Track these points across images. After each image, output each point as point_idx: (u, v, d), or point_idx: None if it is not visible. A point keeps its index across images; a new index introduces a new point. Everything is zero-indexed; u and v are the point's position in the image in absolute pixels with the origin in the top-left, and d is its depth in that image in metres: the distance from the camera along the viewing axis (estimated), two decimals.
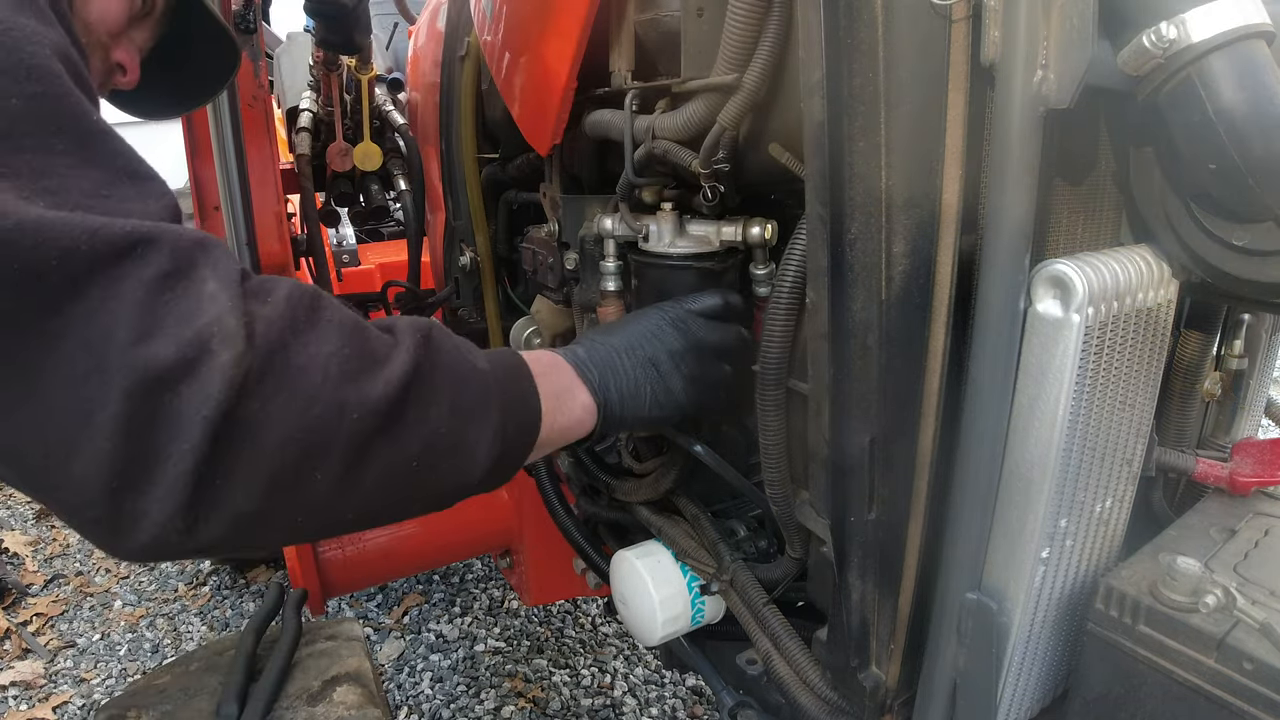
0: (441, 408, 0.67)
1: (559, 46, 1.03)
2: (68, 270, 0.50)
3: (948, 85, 0.65)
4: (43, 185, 0.53)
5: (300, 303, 0.61)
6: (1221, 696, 0.62)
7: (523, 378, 0.80)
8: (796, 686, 0.91)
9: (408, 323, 0.70)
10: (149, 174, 0.61)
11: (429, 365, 0.67)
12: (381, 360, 0.64)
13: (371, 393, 0.61)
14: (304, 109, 2.23)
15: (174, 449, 0.52)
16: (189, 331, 0.52)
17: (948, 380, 0.72)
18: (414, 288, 2.05)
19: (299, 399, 0.57)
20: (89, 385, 0.50)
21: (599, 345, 0.91)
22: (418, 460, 0.65)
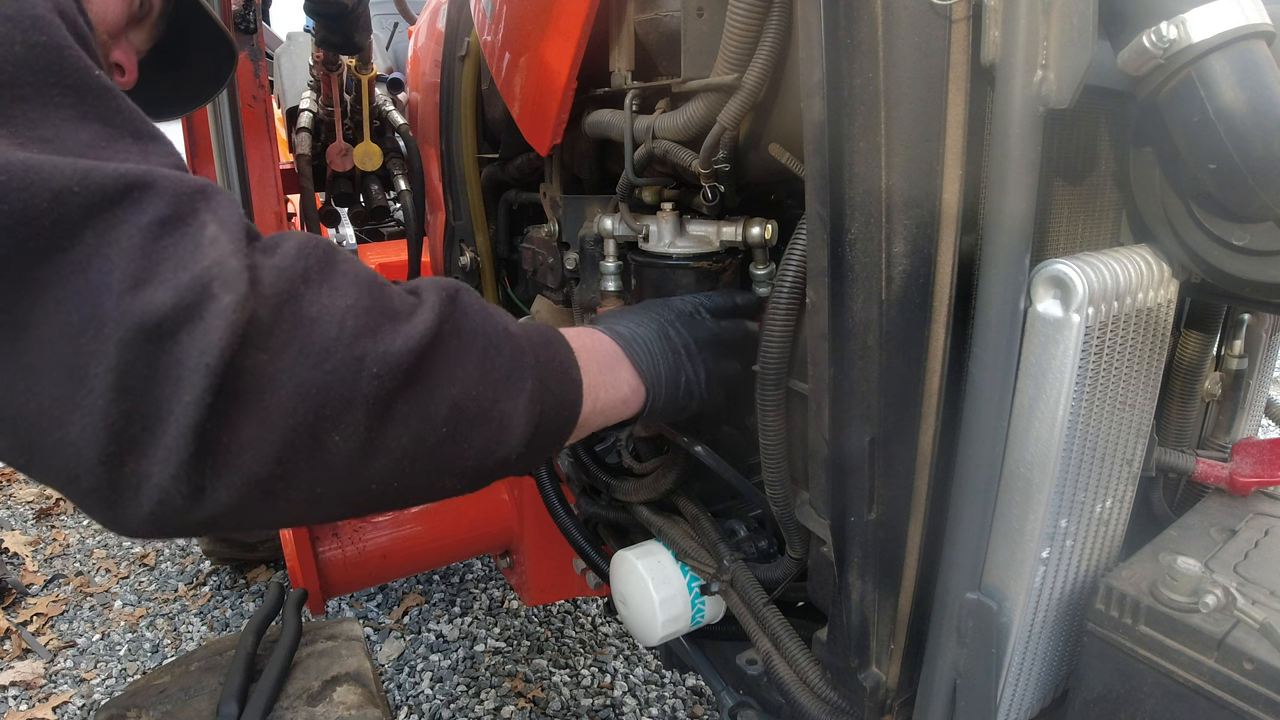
0: (469, 370, 0.62)
1: (559, 46, 1.04)
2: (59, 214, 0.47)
3: (948, 85, 0.65)
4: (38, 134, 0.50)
5: (313, 254, 0.57)
6: (1221, 696, 0.62)
7: (562, 348, 0.74)
8: (796, 686, 0.91)
9: (432, 282, 0.66)
10: (152, 133, 0.58)
11: (454, 324, 0.62)
12: (404, 316, 0.59)
13: (391, 348, 0.56)
14: (304, 109, 2.22)
15: (175, 403, 0.48)
16: (187, 275, 0.49)
17: (948, 380, 0.72)
18: None
19: (312, 352, 0.53)
20: (82, 337, 0.47)
21: (640, 326, 0.86)
22: (446, 426, 0.60)
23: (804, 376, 0.81)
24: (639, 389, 0.83)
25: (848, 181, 0.69)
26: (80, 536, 3.42)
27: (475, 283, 1.72)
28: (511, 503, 2.05)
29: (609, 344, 0.83)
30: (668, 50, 0.95)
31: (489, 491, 2.07)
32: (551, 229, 1.28)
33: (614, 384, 0.80)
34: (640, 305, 0.96)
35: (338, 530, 1.91)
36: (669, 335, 0.88)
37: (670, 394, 0.86)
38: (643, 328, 0.87)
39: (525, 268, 1.43)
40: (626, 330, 0.85)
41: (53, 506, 3.65)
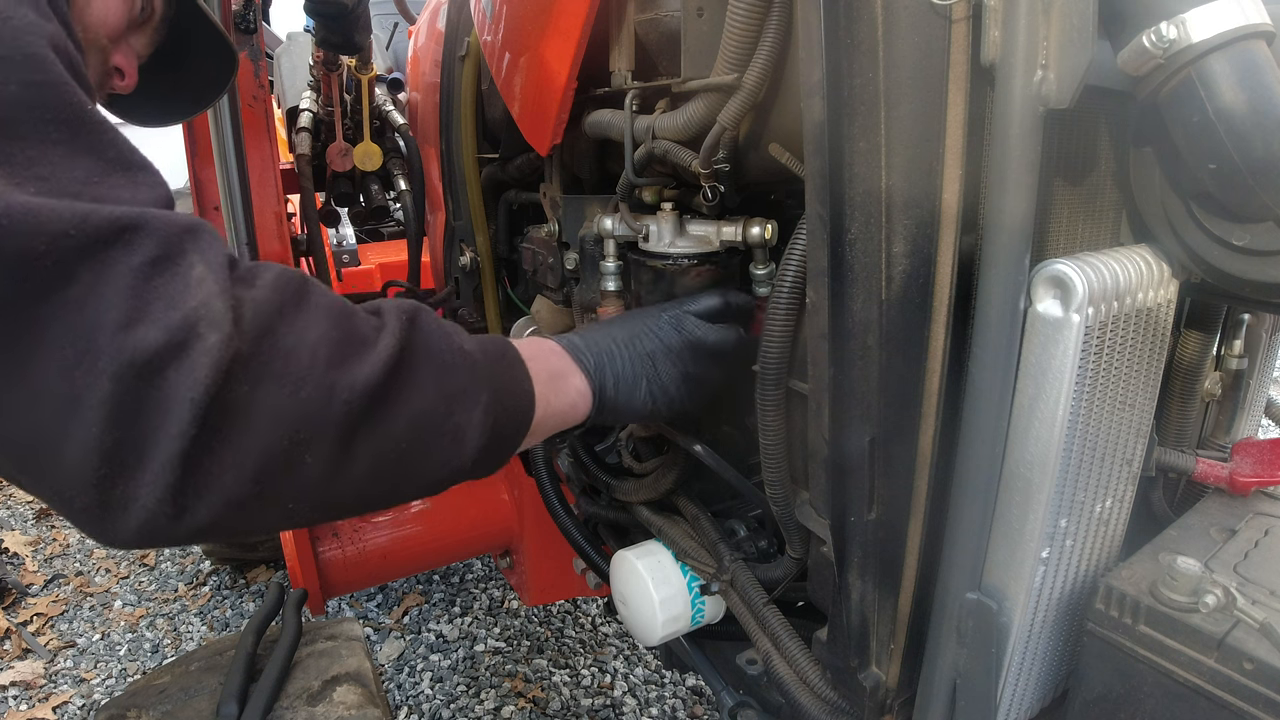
0: (428, 389, 0.67)
1: (559, 46, 1.03)
2: (57, 256, 0.50)
3: (948, 85, 0.65)
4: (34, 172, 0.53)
5: (288, 287, 0.61)
6: (1221, 696, 0.62)
7: (512, 361, 0.79)
8: (796, 686, 0.92)
9: (394, 305, 0.70)
10: (142, 164, 0.61)
11: (413, 347, 0.67)
12: (369, 343, 0.63)
13: (359, 375, 0.61)
14: (304, 109, 2.22)
15: (162, 434, 0.52)
16: (176, 315, 0.52)
17: (948, 380, 0.72)
18: (414, 288, 2.05)
19: (288, 382, 0.57)
20: (77, 371, 0.50)
21: (596, 335, 0.92)
22: (406, 442, 0.65)
23: (804, 376, 0.81)
24: (586, 393, 0.88)
25: (848, 181, 0.69)
26: (80, 537, 3.42)
27: (475, 283, 1.72)
28: (511, 503, 2.05)
29: (557, 351, 0.88)
30: (668, 50, 0.95)
31: (489, 491, 2.07)
32: (551, 229, 1.28)
33: (563, 390, 0.85)
34: (620, 316, 0.99)
35: (338, 530, 1.91)
36: (633, 343, 0.92)
37: (627, 396, 0.90)
38: (603, 337, 0.91)
39: (525, 268, 1.43)
40: (580, 339, 0.91)
41: None
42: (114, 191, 0.57)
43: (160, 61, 1.09)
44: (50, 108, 0.56)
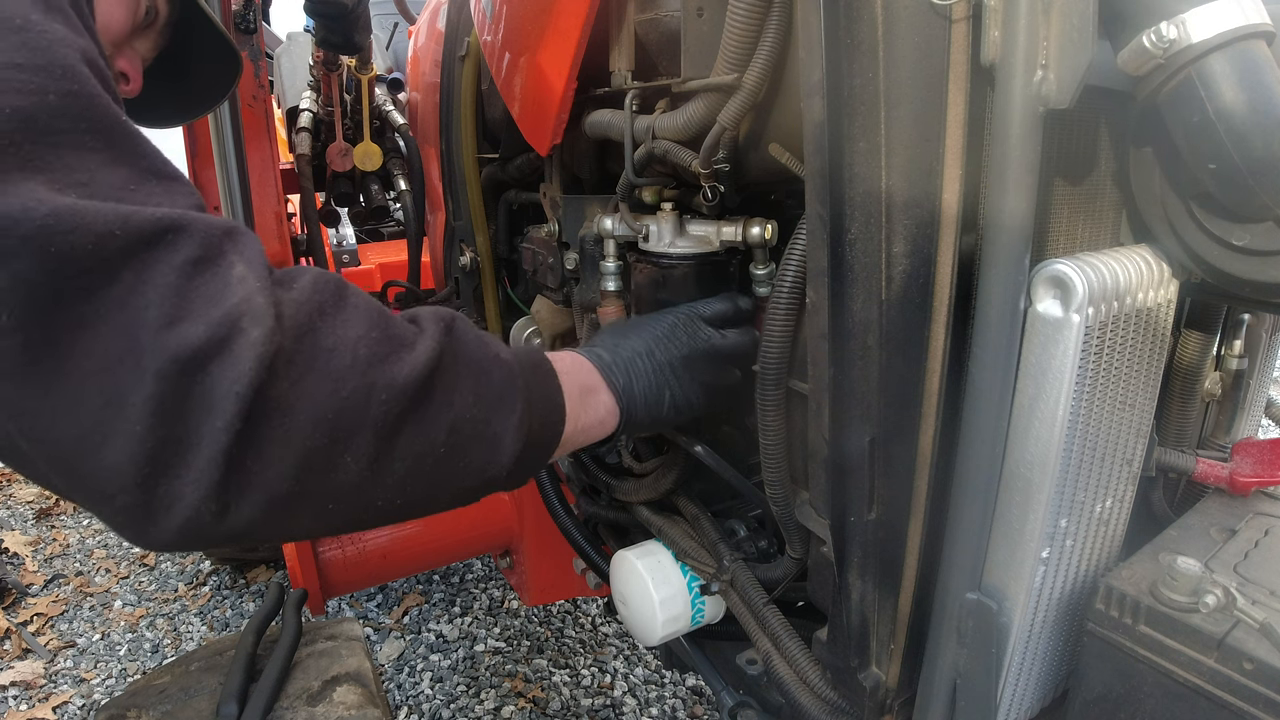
0: (466, 394, 0.67)
1: (559, 46, 1.03)
2: (102, 255, 0.51)
3: (948, 85, 0.65)
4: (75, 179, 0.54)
5: (326, 288, 0.62)
6: (1221, 696, 0.62)
7: (546, 372, 0.80)
8: (796, 686, 0.92)
9: (431, 312, 0.71)
10: (175, 174, 0.62)
11: (452, 351, 0.67)
12: (408, 344, 0.64)
13: (399, 375, 0.61)
14: (304, 109, 2.22)
15: (207, 429, 0.52)
16: (219, 311, 0.53)
17: (948, 380, 0.72)
18: (414, 288, 2.05)
19: (329, 379, 0.57)
20: (122, 369, 0.51)
21: (620, 348, 0.91)
22: (444, 446, 0.65)
23: (804, 376, 0.81)
24: (614, 410, 0.88)
25: (848, 181, 0.69)
26: (80, 536, 3.42)
27: (475, 283, 1.72)
28: (511, 503, 2.05)
29: (588, 368, 0.88)
30: (668, 50, 0.95)
31: None
32: (551, 229, 1.28)
33: (592, 406, 0.85)
34: (634, 321, 0.98)
35: None
36: (654, 354, 0.91)
37: (651, 410, 0.90)
38: (626, 348, 0.91)
39: (525, 268, 1.43)
40: (608, 353, 0.90)
41: (53, 506, 3.65)
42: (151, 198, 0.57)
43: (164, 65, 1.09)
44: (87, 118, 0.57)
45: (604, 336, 0.96)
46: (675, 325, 0.94)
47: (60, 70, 0.56)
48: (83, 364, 0.50)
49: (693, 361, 0.92)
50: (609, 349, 0.91)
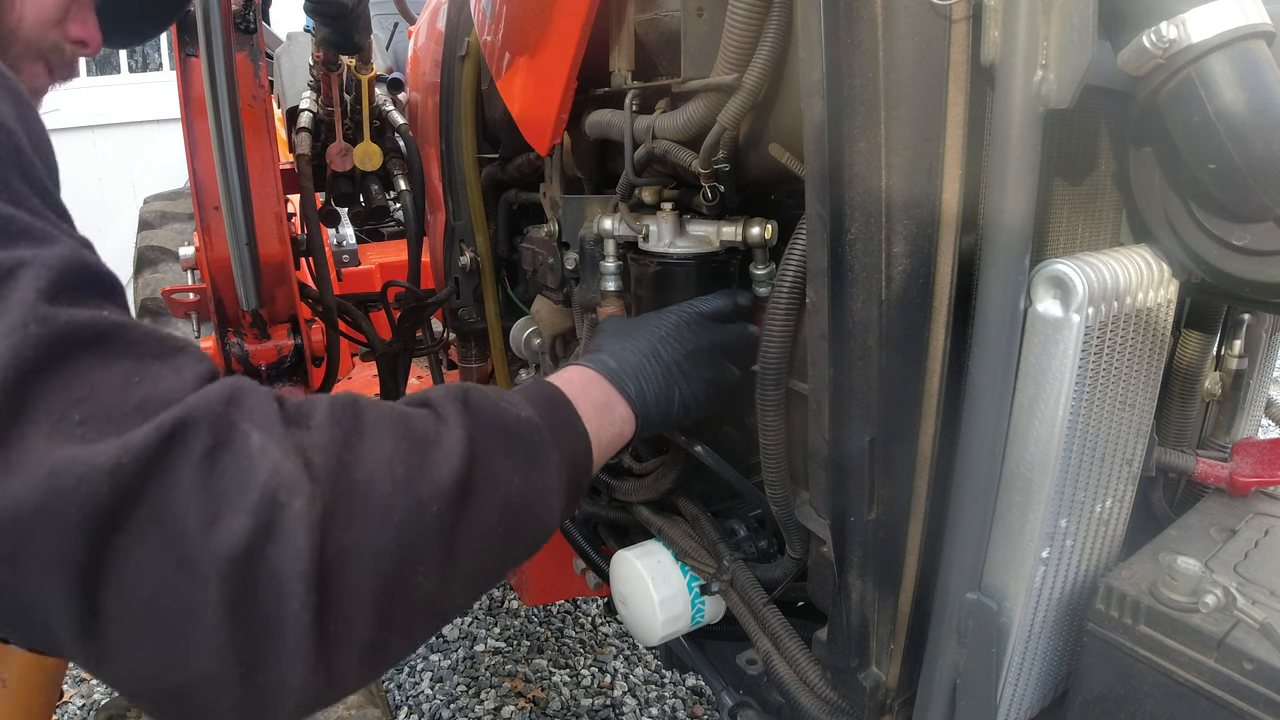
0: (505, 468, 0.67)
1: (559, 46, 1.04)
2: (119, 488, 0.49)
3: (948, 85, 0.65)
4: (73, 398, 0.51)
5: (343, 415, 0.61)
6: (1221, 696, 0.62)
7: (565, 408, 0.80)
8: (796, 686, 0.92)
9: (442, 393, 0.70)
10: (176, 346, 0.59)
11: (479, 430, 0.67)
12: (436, 441, 0.63)
13: (440, 479, 0.61)
14: (304, 109, 2.22)
15: (286, 613, 0.51)
16: (253, 494, 0.51)
17: (948, 380, 0.72)
18: (414, 288, 2.05)
19: (378, 513, 0.57)
20: (181, 584, 0.49)
21: (626, 351, 0.90)
22: (503, 525, 0.66)
23: (804, 376, 0.81)
24: (630, 418, 0.87)
25: (848, 181, 0.69)
26: None
27: (475, 283, 1.72)
28: None
29: (599, 381, 0.87)
30: (668, 50, 0.95)
31: None
32: (551, 229, 1.28)
33: (610, 421, 0.85)
34: (636, 321, 0.97)
35: None
36: (660, 355, 0.90)
37: (662, 412, 0.90)
38: (632, 352, 0.90)
39: (525, 268, 1.43)
40: (614, 360, 0.89)
41: None
42: (159, 384, 0.54)
43: None
44: (69, 338, 0.53)
45: (607, 340, 0.95)
46: (678, 323, 0.93)
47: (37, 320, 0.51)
48: (141, 591, 0.49)
49: (697, 358, 0.92)
50: (615, 355, 0.90)
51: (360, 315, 1.99)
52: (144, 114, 5.30)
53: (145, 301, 2.62)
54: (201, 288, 1.68)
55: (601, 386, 0.86)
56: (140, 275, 2.69)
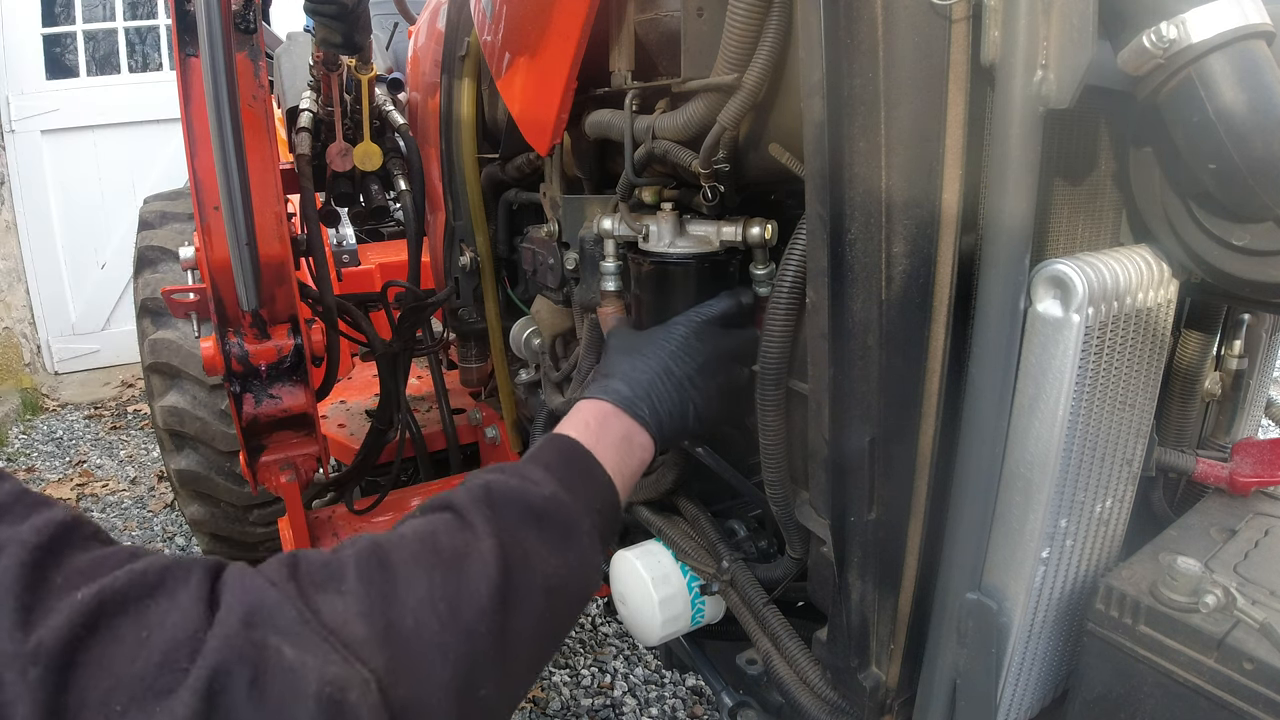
0: (542, 555, 0.68)
1: (559, 46, 1.04)
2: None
3: (948, 85, 0.65)
4: (114, 709, 0.48)
5: (372, 569, 0.60)
6: (1221, 696, 0.62)
7: (584, 461, 0.80)
8: (796, 686, 0.91)
9: (465, 495, 0.69)
10: (156, 578, 0.54)
11: (506, 525, 0.67)
12: (468, 555, 0.63)
13: (482, 595, 0.61)
14: (304, 109, 2.22)
15: None
16: (310, 706, 0.51)
17: (948, 380, 0.72)
18: (414, 288, 2.05)
19: (433, 656, 0.58)
20: None
21: (637, 372, 0.90)
22: (551, 609, 0.67)
23: (804, 376, 0.81)
24: (649, 444, 0.88)
25: (848, 181, 0.69)
26: None
27: (475, 283, 1.72)
28: None
29: (614, 414, 0.87)
30: (668, 50, 0.95)
31: None
32: (551, 229, 1.28)
33: (630, 454, 0.86)
34: (644, 336, 0.96)
35: (338, 530, 1.91)
36: (671, 371, 0.90)
37: (678, 428, 0.90)
38: (643, 372, 0.90)
39: (525, 268, 1.43)
40: (627, 386, 0.89)
41: None
42: (167, 628, 0.51)
43: None
44: (73, 643, 0.48)
45: (616, 360, 0.94)
46: (687, 335, 0.93)
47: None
48: None
49: (708, 369, 0.92)
50: (627, 380, 0.89)
51: (360, 315, 1.99)
52: (144, 114, 5.29)
53: (145, 301, 2.61)
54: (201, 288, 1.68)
55: (618, 419, 0.86)
56: (140, 275, 2.69)
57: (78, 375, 5.52)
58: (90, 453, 4.34)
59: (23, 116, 5.15)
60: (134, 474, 4.03)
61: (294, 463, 1.74)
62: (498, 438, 2.03)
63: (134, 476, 4.00)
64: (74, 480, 3.91)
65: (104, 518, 3.58)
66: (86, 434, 4.63)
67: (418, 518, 0.68)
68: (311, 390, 1.71)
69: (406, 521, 0.68)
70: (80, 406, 5.07)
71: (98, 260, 5.50)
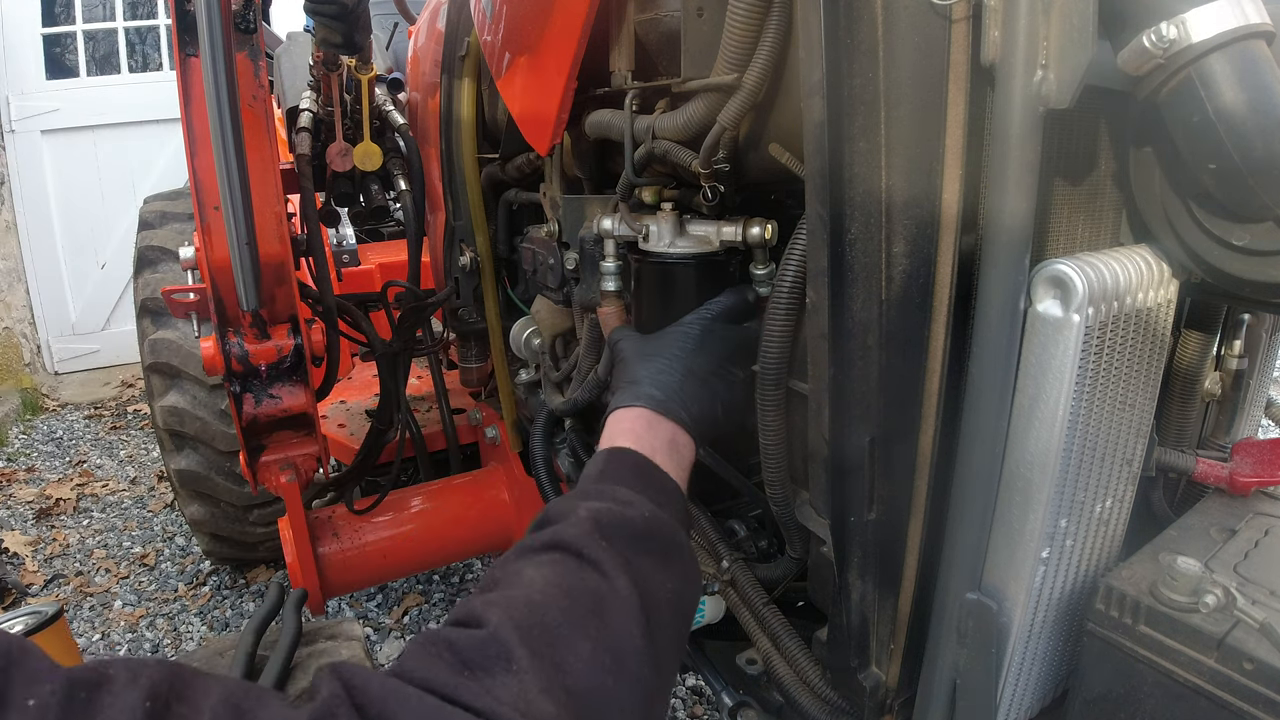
0: (659, 578, 0.70)
1: (559, 46, 1.03)
2: None
3: (948, 85, 0.65)
4: None
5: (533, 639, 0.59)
6: (1221, 696, 0.62)
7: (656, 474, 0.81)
8: (796, 686, 0.91)
9: (575, 532, 0.69)
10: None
11: (629, 559, 0.68)
12: (605, 599, 0.64)
13: (635, 636, 0.63)
14: (304, 109, 2.22)
15: None
16: None
17: (948, 380, 0.72)
18: (414, 288, 2.05)
19: (613, 710, 0.59)
20: None
21: (664, 375, 0.90)
22: (676, 619, 0.71)
23: (804, 376, 0.81)
24: (690, 444, 0.89)
25: (848, 181, 0.69)
26: (80, 536, 3.42)
27: (475, 283, 1.72)
28: (511, 503, 2.05)
29: (657, 420, 0.87)
30: (668, 50, 0.95)
31: (489, 492, 2.07)
32: (551, 229, 1.28)
33: (679, 457, 0.87)
34: (658, 339, 0.96)
35: (338, 530, 1.91)
36: (694, 370, 0.91)
37: (710, 425, 0.92)
38: (670, 374, 0.91)
39: (525, 268, 1.43)
40: (659, 390, 0.89)
41: (53, 506, 3.65)
42: None
43: None
44: None
45: (636, 364, 0.94)
46: (703, 333, 0.93)
47: None
48: None
49: (728, 363, 0.93)
50: (656, 384, 0.89)
51: (360, 315, 1.99)
52: (144, 114, 5.29)
53: (145, 301, 2.61)
54: (201, 288, 1.68)
55: (661, 424, 0.87)
56: (140, 275, 2.69)
57: (78, 375, 5.52)
58: (90, 453, 4.34)
59: (23, 116, 5.15)
60: (134, 474, 4.03)
61: (294, 463, 1.74)
62: (498, 438, 2.03)
63: (134, 476, 4.00)
64: (74, 480, 3.91)
65: (104, 518, 3.58)
66: (86, 434, 4.63)
67: (534, 563, 0.67)
68: (311, 390, 1.71)
69: (520, 567, 0.67)
70: (80, 406, 5.07)
71: (98, 260, 5.50)
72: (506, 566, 0.67)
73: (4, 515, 3.61)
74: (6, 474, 3.97)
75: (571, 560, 0.66)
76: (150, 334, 2.53)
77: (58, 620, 1.34)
